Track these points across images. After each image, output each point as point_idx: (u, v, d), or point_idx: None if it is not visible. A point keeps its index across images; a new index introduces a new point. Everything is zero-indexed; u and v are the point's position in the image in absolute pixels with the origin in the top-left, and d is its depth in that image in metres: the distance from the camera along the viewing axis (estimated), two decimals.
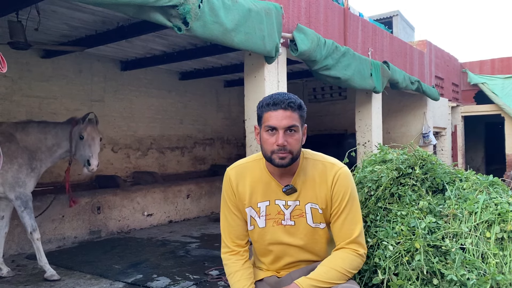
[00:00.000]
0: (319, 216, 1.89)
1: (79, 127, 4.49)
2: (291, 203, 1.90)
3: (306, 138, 1.93)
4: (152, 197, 7.04)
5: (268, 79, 4.20)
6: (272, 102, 1.81)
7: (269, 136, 1.80)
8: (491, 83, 11.22)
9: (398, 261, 1.83)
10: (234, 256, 1.96)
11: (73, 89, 6.67)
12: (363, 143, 6.45)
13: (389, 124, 9.01)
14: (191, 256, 5.23)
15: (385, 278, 1.80)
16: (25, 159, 4.26)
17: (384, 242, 1.90)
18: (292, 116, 1.79)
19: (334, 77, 5.02)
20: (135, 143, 7.67)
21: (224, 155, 9.74)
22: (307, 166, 1.92)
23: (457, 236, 1.86)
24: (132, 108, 7.58)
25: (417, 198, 2.05)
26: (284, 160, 1.80)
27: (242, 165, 2.00)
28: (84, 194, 6.09)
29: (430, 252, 1.80)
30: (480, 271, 1.73)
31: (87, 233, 6.09)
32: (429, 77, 9.15)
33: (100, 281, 4.34)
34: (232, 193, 1.96)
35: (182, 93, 8.55)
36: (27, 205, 4.24)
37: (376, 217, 2.06)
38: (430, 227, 1.88)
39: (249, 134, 4.29)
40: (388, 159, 2.24)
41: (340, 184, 1.86)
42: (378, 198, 2.11)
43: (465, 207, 1.93)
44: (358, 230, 1.83)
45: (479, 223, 1.86)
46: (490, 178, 2.13)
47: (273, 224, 1.92)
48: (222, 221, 2.02)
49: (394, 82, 6.67)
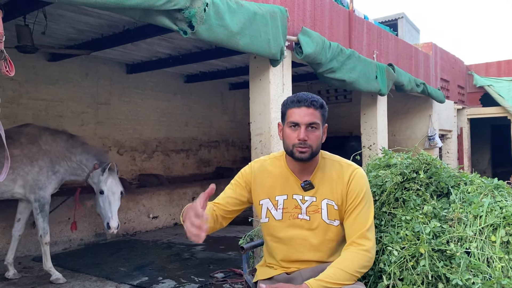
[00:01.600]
0: (335, 213, 1.96)
1: (98, 177, 4.41)
2: (308, 198, 1.97)
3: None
4: (158, 200, 7.07)
5: (273, 82, 4.20)
6: (296, 100, 1.95)
7: (292, 132, 1.93)
8: (497, 85, 11.16)
9: (403, 266, 1.83)
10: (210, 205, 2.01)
11: (80, 92, 6.72)
12: (368, 146, 6.43)
13: (395, 127, 8.98)
14: (196, 259, 5.24)
15: (390, 283, 1.80)
16: (46, 161, 4.29)
17: (389, 247, 1.90)
18: (314, 113, 1.91)
19: (339, 79, 5.02)
20: (140, 146, 7.70)
21: (229, 158, 9.75)
22: (325, 165, 2.01)
23: (462, 240, 1.86)
24: (138, 111, 7.62)
25: (421, 202, 2.05)
26: (304, 154, 1.90)
27: (263, 160, 2.13)
28: (91, 197, 6.11)
29: (435, 256, 1.79)
30: (486, 275, 1.72)
31: (93, 235, 6.12)
32: (435, 79, 9.12)
33: (106, 284, 4.35)
34: (249, 180, 2.07)
35: (187, 96, 8.58)
36: (43, 209, 4.28)
37: (381, 222, 2.06)
38: (435, 231, 1.88)
39: (254, 136, 4.30)
40: (392, 164, 2.24)
41: (356, 183, 1.95)
42: (382, 203, 2.11)
43: (470, 210, 1.92)
44: (368, 225, 1.89)
45: (484, 227, 1.85)
46: (495, 181, 2.13)
47: (289, 218, 1.98)
48: (222, 192, 2.11)
49: (399, 84, 6.65)
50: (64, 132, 4.60)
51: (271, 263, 2.09)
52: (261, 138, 4.25)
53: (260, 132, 4.25)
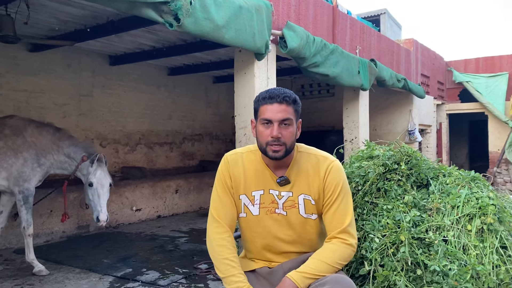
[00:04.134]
0: (312, 207, 1.96)
1: (87, 169, 4.40)
2: (284, 193, 1.97)
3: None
4: (141, 192, 7.06)
5: (258, 75, 4.24)
6: (268, 96, 1.90)
7: (265, 129, 1.90)
8: (475, 81, 11.42)
9: (384, 253, 1.90)
10: (229, 238, 1.97)
11: (62, 84, 6.64)
12: (350, 140, 6.54)
13: (376, 121, 9.13)
14: (180, 251, 5.27)
15: (371, 269, 1.87)
16: (31, 154, 4.25)
17: (371, 235, 1.97)
18: (286, 109, 1.88)
19: (323, 74, 5.09)
20: (123, 138, 7.66)
21: (213, 151, 9.77)
22: (301, 159, 2.00)
23: (440, 229, 1.95)
24: (121, 103, 7.57)
25: (402, 192, 2.13)
26: (277, 153, 1.88)
27: (239, 153, 2.07)
28: (73, 189, 6.07)
29: (414, 244, 1.88)
30: (462, 262, 1.81)
31: (75, 227, 6.09)
32: (415, 75, 9.29)
33: (90, 275, 4.36)
34: (229, 177, 2.02)
35: (171, 89, 8.55)
36: (27, 200, 4.25)
37: (363, 211, 2.14)
38: (415, 220, 1.96)
39: (238, 130, 4.34)
40: (375, 155, 2.31)
41: (333, 176, 1.95)
42: (365, 193, 2.18)
43: (448, 201, 2.01)
44: (348, 220, 1.90)
45: (461, 217, 1.94)
46: (471, 174, 2.22)
47: (266, 213, 1.98)
48: (214, 200, 2.02)
49: (381, 79, 6.77)
50: (50, 125, 4.56)
51: (250, 257, 2.11)
52: (245, 131, 4.29)
53: (244, 125, 4.30)
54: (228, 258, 1.91)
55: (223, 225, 1.97)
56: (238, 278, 1.87)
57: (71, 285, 4.08)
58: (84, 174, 4.44)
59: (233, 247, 1.96)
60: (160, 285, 4.04)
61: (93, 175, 4.33)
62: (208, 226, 2.04)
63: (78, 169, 4.45)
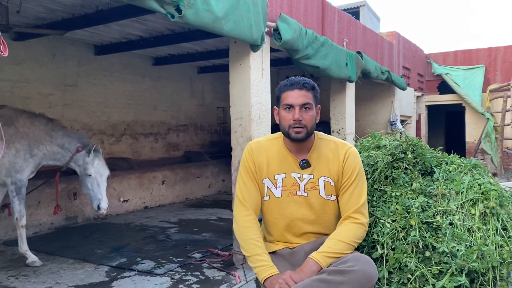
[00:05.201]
0: (331, 189, 2.10)
1: (84, 159, 4.36)
2: (306, 176, 2.10)
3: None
4: (128, 183, 7.04)
5: (254, 66, 4.29)
6: (289, 83, 2.08)
7: (287, 113, 2.05)
8: (453, 73, 11.75)
9: (394, 237, 2.01)
10: (254, 220, 2.09)
11: (46, 73, 6.53)
12: (337, 131, 6.67)
13: (359, 113, 9.30)
14: (172, 240, 5.31)
15: (383, 252, 1.98)
16: (23, 144, 4.19)
17: (381, 220, 2.08)
18: (306, 95, 2.05)
19: (314, 66, 5.18)
20: (109, 129, 7.59)
21: (198, 142, 9.78)
22: (321, 145, 2.15)
23: (446, 213, 2.07)
24: (106, 93, 7.49)
25: (409, 180, 2.25)
26: (299, 134, 2.03)
27: (262, 141, 2.22)
28: (61, 180, 6.00)
29: (423, 228, 2.00)
30: (467, 243, 1.94)
31: (63, 219, 6.05)
32: (398, 67, 9.49)
33: (84, 265, 4.36)
34: (253, 163, 2.15)
35: (156, 79, 8.50)
36: (20, 191, 4.20)
37: (372, 198, 2.24)
38: (422, 206, 2.08)
39: (234, 120, 4.38)
40: (382, 145, 2.42)
41: (351, 160, 2.09)
42: (374, 181, 2.29)
43: (452, 187, 2.14)
44: (362, 201, 2.05)
45: (465, 201, 2.07)
46: (473, 161, 2.35)
47: (288, 195, 2.10)
48: (240, 186, 2.16)
49: (366, 72, 6.91)
50: (42, 116, 4.50)
51: (271, 239, 2.21)
52: (241, 122, 4.34)
53: (240, 116, 4.34)
54: (254, 239, 2.03)
55: (248, 208, 2.10)
56: (262, 257, 1.99)
57: (66, 275, 4.08)
58: (79, 165, 4.41)
59: (258, 229, 2.08)
60: (157, 274, 4.08)
61: (91, 165, 4.31)
62: (234, 209, 2.17)
63: (73, 160, 4.42)
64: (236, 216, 2.14)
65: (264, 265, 1.96)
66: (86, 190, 4.42)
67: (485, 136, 10.96)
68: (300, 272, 1.89)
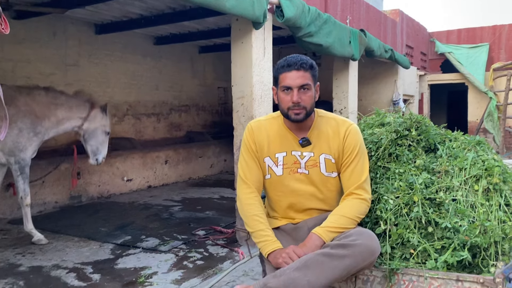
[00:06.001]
0: (332, 166, 2.11)
1: (101, 117, 4.63)
2: (306, 154, 2.11)
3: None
4: (131, 163, 7.07)
5: (255, 45, 4.25)
6: (286, 64, 2.04)
7: (285, 95, 2.04)
8: (457, 52, 11.64)
9: (397, 213, 2.03)
10: (257, 197, 2.12)
11: (47, 53, 6.48)
12: (340, 110, 6.66)
13: (362, 92, 9.24)
14: (176, 218, 5.37)
15: (386, 228, 2.00)
16: (26, 123, 4.19)
17: (385, 197, 2.09)
18: (304, 75, 2.02)
19: (316, 44, 5.13)
20: (111, 109, 7.44)
21: (200, 122, 9.77)
22: (321, 123, 2.15)
23: (449, 189, 2.09)
24: (108, 73, 7.45)
25: (413, 157, 2.26)
26: (299, 115, 2.03)
27: (262, 120, 2.23)
28: (64, 160, 6.05)
29: (426, 204, 2.01)
30: (470, 219, 1.96)
31: (67, 198, 6.10)
32: (401, 46, 9.41)
33: (89, 243, 4.42)
34: (253, 142, 2.16)
35: (157, 59, 8.44)
36: (23, 171, 4.22)
37: (376, 175, 2.26)
38: (426, 182, 2.09)
39: (236, 100, 4.37)
40: (386, 122, 2.42)
41: (351, 138, 2.09)
42: (378, 158, 2.30)
43: (456, 164, 2.15)
44: (364, 177, 2.07)
45: (468, 178, 2.08)
46: (477, 138, 2.36)
47: (289, 173, 2.12)
48: (242, 165, 2.18)
49: (369, 50, 6.85)
50: (38, 88, 4.50)
51: (274, 215, 2.24)
52: (243, 101, 4.33)
53: (242, 95, 4.33)
54: (257, 215, 2.06)
55: (251, 186, 2.13)
56: (265, 233, 2.02)
57: (72, 252, 4.14)
58: (96, 123, 4.62)
59: (260, 205, 2.11)
60: (162, 251, 4.14)
61: (108, 125, 4.67)
62: (237, 188, 2.20)
63: (88, 119, 4.55)
64: (239, 194, 2.17)
65: (267, 240, 1.99)
66: (95, 146, 4.66)
67: (487, 115, 10.92)
68: (303, 246, 1.92)
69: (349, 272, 1.82)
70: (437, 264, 1.89)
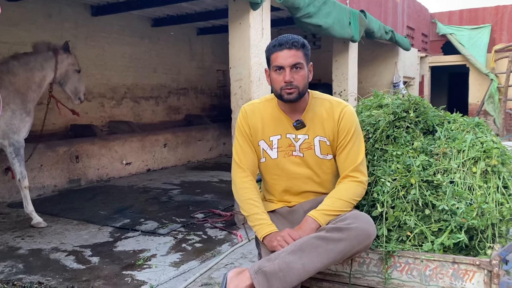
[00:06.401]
0: (327, 148, 2.09)
1: (67, 58, 4.51)
2: (301, 136, 2.09)
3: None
4: (130, 146, 7.05)
5: (253, 26, 4.19)
6: (278, 43, 1.99)
7: (277, 75, 2.00)
8: (458, 33, 11.51)
9: (394, 196, 2.02)
10: (252, 181, 2.11)
11: (43, 35, 6.39)
12: (339, 92, 6.61)
13: (362, 74, 9.17)
14: (175, 202, 5.37)
15: (383, 210, 1.99)
16: (17, 103, 4.15)
17: (382, 179, 2.07)
18: (296, 54, 1.97)
19: (316, 25, 5.05)
20: (109, 92, 7.53)
21: (198, 105, 9.72)
22: (315, 105, 2.11)
23: (447, 171, 2.06)
24: (105, 55, 7.38)
25: (411, 139, 2.23)
26: (291, 95, 1.99)
27: (256, 103, 2.20)
28: (62, 143, 6.04)
29: (423, 186, 2.00)
30: (468, 201, 1.94)
31: (66, 181, 6.10)
32: (401, 27, 9.29)
33: (88, 226, 4.43)
34: (247, 126, 2.14)
35: (155, 41, 8.35)
36: (18, 152, 4.19)
37: (373, 157, 2.23)
38: (423, 164, 2.07)
39: (234, 82, 4.33)
40: (384, 104, 2.39)
41: (346, 120, 2.06)
42: (375, 140, 2.27)
43: (454, 146, 2.12)
44: (360, 159, 2.05)
45: (467, 160, 2.06)
46: (476, 120, 2.33)
47: (284, 156, 2.10)
48: (236, 149, 2.17)
49: (370, 31, 6.76)
50: (8, 59, 4.38)
51: (270, 198, 2.23)
52: (240, 84, 4.29)
53: (240, 78, 4.28)
54: (251, 199, 2.05)
55: (246, 170, 2.11)
56: (261, 216, 2.01)
57: (71, 235, 4.15)
58: (66, 66, 4.56)
59: (255, 189, 2.09)
60: (160, 234, 4.15)
61: (76, 62, 4.60)
62: (232, 172, 2.18)
63: (58, 66, 4.47)
64: (234, 178, 2.15)
65: (262, 223, 1.98)
66: (72, 87, 4.64)
67: (488, 97, 10.86)
68: (299, 229, 1.91)
69: (344, 256, 1.81)
70: (433, 247, 1.88)
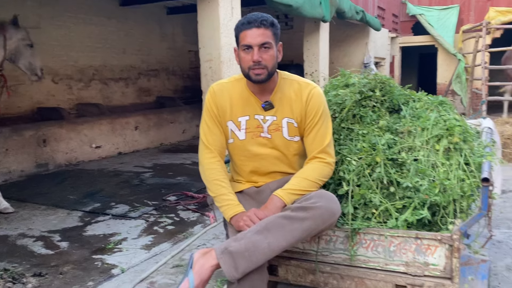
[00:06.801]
0: (295, 130, 2.08)
1: (16, 33, 4.30)
2: (269, 118, 2.07)
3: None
4: (100, 129, 6.91)
5: (223, 5, 4.13)
6: (246, 21, 1.94)
7: (246, 54, 1.96)
8: (428, 14, 11.64)
9: (360, 174, 2.05)
10: (219, 162, 2.09)
11: (4, 14, 6.07)
12: (311, 73, 6.62)
13: (333, 54, 9.21)
14: (147, 185, 5.32)
15: (349, 189, 2.02)
16: None
17: (348, 158, 2.10)
18: (265, 33, 1.93)
19: (286, 4, 5.02)
20: (76, 74, 7.32)
21: (170, 87, 9.58)
22: (284, 86, 2.08)
23: (412, 149, 2.11)
24: (71, 36, 7.14)
25: (377, 118, 2.26)
26: (260, 76, 1.95)
27: (224, 83, 2.15)
28: (28, 127, 5.86)
29: (388, 164, 2.03)
30: (431, 178, 1.99)
31: (33, 166, 5.94)
32: (372, 7, 9.33)
33: (57, 211, 4.35)
34: (215, 106, 2.10)
35: (123, 21, 8.12)
36: None
37: (339, 136, 2.25)
38: (389, 143, 2.11)
39: (204, 62, 4.27)
40: (350, 83, 2.40)
41: (314, 101, 2.05)
42: (342, 120, 2.29)
43: (418, 124, 2.16)
44: (327, 141, 2.05)
45: (430, 138, 2.10)
46: (439, 98, 2.37)
47: (252, 137, 2.09)
48: (204, 129, 2.12)
49: (341, 11, 6.77)
50: None
51: (238, 179, 2.23)
52: (211, 64, 4.24)
53: (210, 58, 4.23)
54: (219, 179, 2.03)
55: (213, 150, 2.09)
56: (228, 197, 2.01)
57: (39, 221, 4.06)
58: (17, 41, 4.36)
59: (223, 170, 2.08)
60: (131, 217, 4.11)
61: (27, 36, 4.38)
62: (199, 153, 2.14)
63: (7, 43, 4.27)
64: (201, 159, 2.12)
65: (229, 204, 1.98)
66: (26, 63, 4.44)
67: (456, 77, 11.08)
68: (265, 209, 1.92)
69: (309, 234, 1.83)
70: (397, 223, 1.93)
